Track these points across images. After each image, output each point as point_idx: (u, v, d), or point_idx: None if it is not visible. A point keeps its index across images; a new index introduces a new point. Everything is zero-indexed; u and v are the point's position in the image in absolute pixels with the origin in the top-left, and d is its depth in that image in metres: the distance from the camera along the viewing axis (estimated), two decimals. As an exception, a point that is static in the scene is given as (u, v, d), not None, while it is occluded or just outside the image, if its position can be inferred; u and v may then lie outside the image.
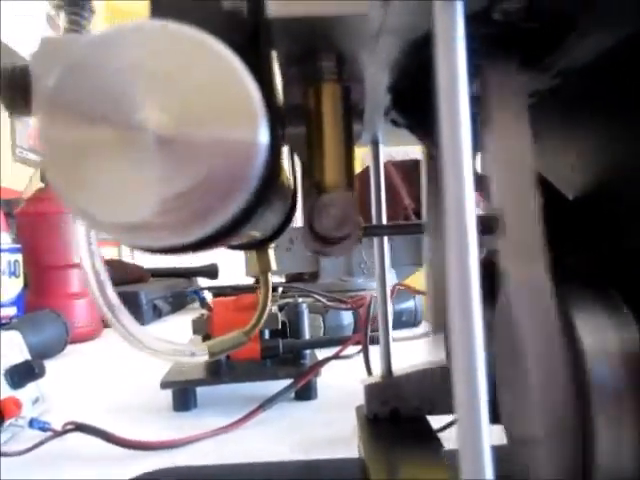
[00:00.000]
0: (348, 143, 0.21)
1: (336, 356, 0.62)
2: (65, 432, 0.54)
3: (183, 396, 0.65)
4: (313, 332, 0.81)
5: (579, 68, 0.24)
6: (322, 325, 0.92)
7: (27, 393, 0.62)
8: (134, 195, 0.15)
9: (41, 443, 0.53)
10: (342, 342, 0.64)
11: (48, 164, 0.15)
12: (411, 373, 0.38)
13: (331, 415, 0.61)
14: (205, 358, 0.33)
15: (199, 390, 0.66)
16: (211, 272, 1.71)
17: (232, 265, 2.35)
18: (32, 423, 0.58)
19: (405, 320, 1.07)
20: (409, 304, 1.09)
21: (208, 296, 0.92)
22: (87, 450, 0.54)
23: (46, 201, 1.16)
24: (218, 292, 1.26)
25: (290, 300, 0.72)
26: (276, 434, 0.57)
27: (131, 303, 1.31)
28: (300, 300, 0.70)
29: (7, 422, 0.55)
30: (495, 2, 0.18)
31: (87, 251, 0.27)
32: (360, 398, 0.66)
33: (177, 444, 0.53)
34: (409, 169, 1.45)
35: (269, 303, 0.37)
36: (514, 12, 0.18)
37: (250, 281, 1.89)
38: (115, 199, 0.15)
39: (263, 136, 0.15)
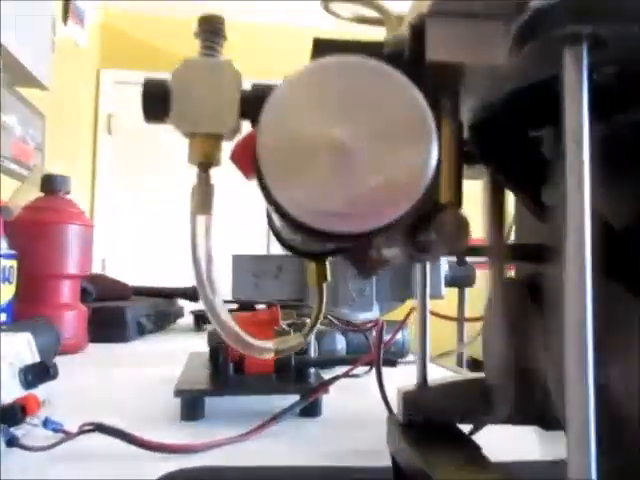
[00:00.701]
0: (459, 164, 0.25)
1: (346, 374, 0.65)
2: (85, 432, 0.55)
3: (192, 406, 0.66)
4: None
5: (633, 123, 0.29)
6: (317, 348, 0.94)
7: (39, 394, 0.62)
8: (332, 190, 0.19)
9: (62, 441, 0.53)
10: (352, 362, 0.67)
11: (269, 165, 0.19)
12: (445, 384, 0.41)
13: (337, 432, 0.64)
14: (271, 355, 0.36)
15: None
16: (193, 294, 1.71)
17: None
18: (46, 423, 0.58)
19: (394, 351, 1.11)
20: (397, 336, 1.12)
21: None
22: (103, 450, 0.55)
23: (43, 210, 1.16)
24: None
25: (297, 320, 0.75)
26: (284, 448, 0.59)
27: (116, 319, 1.31)
28: (308, 319, 0.73)
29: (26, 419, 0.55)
30: (598, 65, 0.23)
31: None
32: (366, 420, 0.69)
33: (198, 449, 0.55)
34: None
35: (322, 313, 0.41)
36: (609, 75, 0.23)
37: (231, 306, 1.90)
38: (318, 192, 0.19)
39: (434, 156, 0.19)
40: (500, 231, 0.33)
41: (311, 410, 0.68)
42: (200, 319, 1.62)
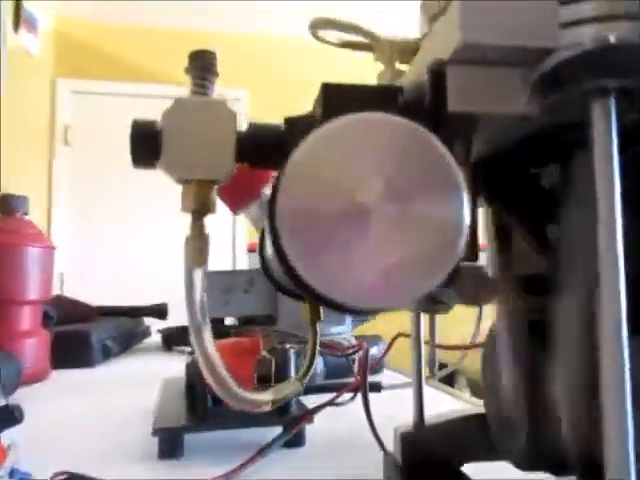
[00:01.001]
0: (474, 215, 0.24)
1: (331, 402, 0.64)
2: (58, 482, 0.51)
3: (171, 443, 0.63)
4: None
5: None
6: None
7: (3, 439, 0.58)
8: (362, 264, 0.17)
9: (33, 494, 0.50)
10: (337, 389, 0.66)
11: (290, 233, 0.17)
12: (443, 423, 0.40)
13: (324, 462, 0.62)
14: (267, 408, 0.34)
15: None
16: (160, 312, 1.66)
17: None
18: (13, 474, 0.54)
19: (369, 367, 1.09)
20: (372, 351, 1.12)
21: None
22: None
23: (0, 232, 1.10)
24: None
25: (277, 346, 0.73)
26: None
27: (80, 343, 1.26)
28: (288, 345, 0.71)
29: (-8, 471, 0.51)
30: (623, 113, 0.22)
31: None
32: (350, 447, 0.68)
33: (181, 494, 0.52)
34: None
35: (317, 352, 0.39)
36: (634, 120, 0.23)
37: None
38: (347, 267, 0.17)
39: (468, 214, 0.18)
40: (506, 261, 0.32)
41: (295, 440, 0.66)
42: (169, 338, 1.58)
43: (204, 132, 0.27)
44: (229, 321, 1.53)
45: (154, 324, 1.69)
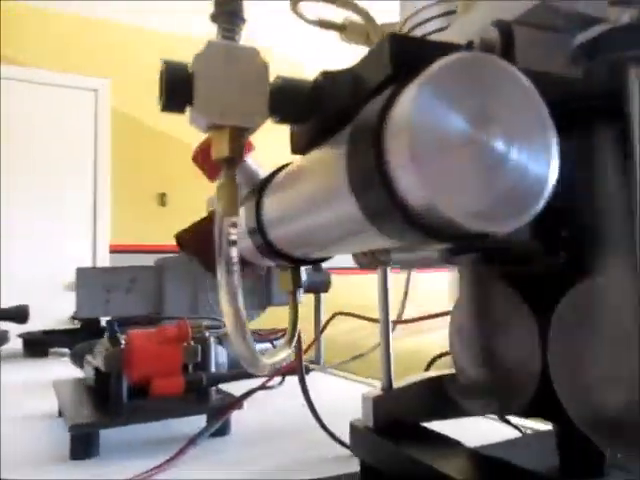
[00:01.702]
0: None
1: (262, 387, 0.63)
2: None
3: (86, 441, 0.58)
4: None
5: None
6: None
7: None
8: (483, 190, 0.18)
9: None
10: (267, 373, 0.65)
11: (421, 166, 0.18)
12: (410, 385, 0.42)
13: (253, 450, 0.61)
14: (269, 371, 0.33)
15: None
16: (20, 315, 1.50)
17: (46, 308, 2.06)
18: None
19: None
20: (267, 345, 1.12)
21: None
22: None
23: None
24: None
25: (197, 335, 0.70)
26: (206, 475, 0.54)
27: None
28: (207, 333, 0.69)
29: None
30: None
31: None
32: (275, 431, 0.67)
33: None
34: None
35: (298, 320, 0.39)
36: None
37: (64, 325, 1.69)
38: (471, 192, 0.18)
39: (553, 173, 0.20)
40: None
41: (219, 429, 0.64)
42: (31, 343, 1.42)
43: (237, 78, 0.26)
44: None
45: (13, 330, 1.51)
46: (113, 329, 0.61)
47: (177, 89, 0.25)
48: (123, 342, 0.62)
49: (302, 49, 3.21)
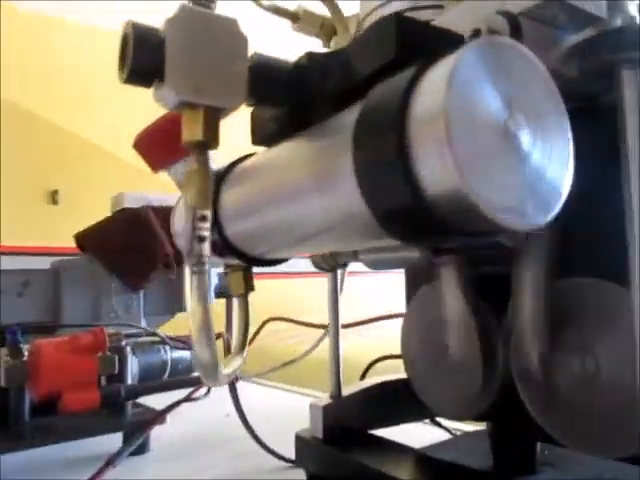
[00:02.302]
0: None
1: (187, 399, 0.58)
2: None
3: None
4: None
5: None
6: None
7: None
8: (518, 184, 0.17)
9: None
10: (193, 383, 0.61)
11: (461, 153, 0.16)
12: (360, 392, 0.41)
13: (176, 467, 0.56)
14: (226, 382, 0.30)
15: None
16: None
17: None
18: None
19: (182, 368, 1.04)
20: (185, 352, 1.06)
21: None
22: None
23: None
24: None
25: (114, 344, 0.64)
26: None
27: None
28: (124, 343, 0.64)
29: None
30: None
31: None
32: (200, 445, 0.63)
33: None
34: (169, 217, 1.44)
35: (248, 327, 0.36)
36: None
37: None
38: (498, 182, 0.17)
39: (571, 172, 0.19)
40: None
41: (139, 446, 0.58)
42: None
43: (214, 50, 0.23)
44: None
45: None
46: (14, 337, 0.53)
47: (145, 57, 0.21)
48: (26, 352, 0.55)
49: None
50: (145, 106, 0.29)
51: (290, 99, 0.25)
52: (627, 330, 0.27)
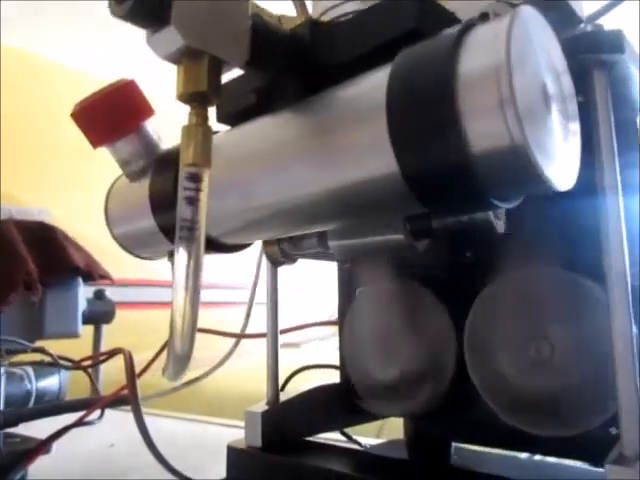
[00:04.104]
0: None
1: (79, 423, 0.51)
2: None
3: None
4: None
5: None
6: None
7: None
8: (551, 145, 0.18)
9: None
10: (83, 406, 0.54)
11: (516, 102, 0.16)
12: (298, 396, 0.39)
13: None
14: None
15: None
16: None
17: None
18: None
19: (49, 399, 0.92)
20: (53, 381, 0.95)
21: None
22: None
23: None
24: None
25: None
26: None
27: None
28: (-3, 362, 0.55)
29: None
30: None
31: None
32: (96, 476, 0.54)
33: None
34: (34, 232, 1.30)
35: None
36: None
37: None
38: (549, 142, 0.18)
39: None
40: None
41: (12, 483, 0.50)
42: None
43: (218, 2, 0.21)
44: None
45: None
46: None
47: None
48: None
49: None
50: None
51: (292, 66, 0.24)
52: (580, 317, 0.29)
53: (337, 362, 0.43)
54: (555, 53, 0.20)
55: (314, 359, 0.51)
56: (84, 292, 1.17)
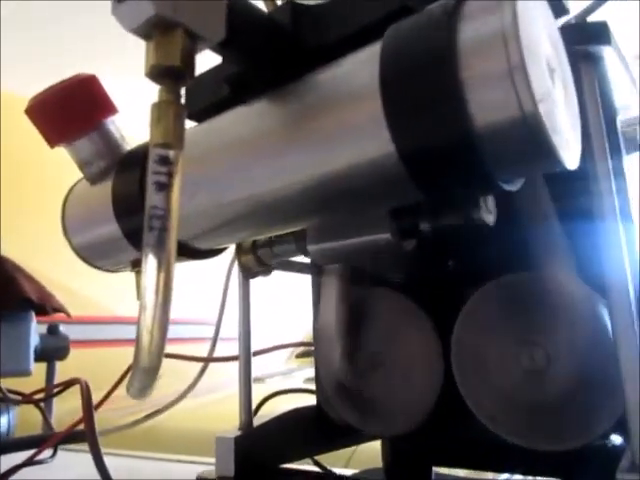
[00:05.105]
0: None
1: (30, 462, 0.47)
2: None
3: None
4: None
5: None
6: None
7: None
8: (559, 120, 0.17)
9: None
10: (39, 443, 0.49)
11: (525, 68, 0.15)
12: (273, 420, 0.36)
13: None
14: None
15: None
16: None
17: None
18: None
19: (-3, 440, 0.85)
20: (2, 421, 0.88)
21: None
22: None
23: None
24: None
25: None
26: None
27: None
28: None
29: None
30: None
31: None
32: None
33: None
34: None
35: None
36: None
37: None
38: (554, 110, 0.16)
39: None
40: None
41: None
42: None
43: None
44: None
45: None
46: None
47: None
48: None
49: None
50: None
51: (271, 49, 0.23)
52: (573, 325, 0.28)
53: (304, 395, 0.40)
54: (552, 28, 0.20)
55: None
56: (36, 327, 1.09)
